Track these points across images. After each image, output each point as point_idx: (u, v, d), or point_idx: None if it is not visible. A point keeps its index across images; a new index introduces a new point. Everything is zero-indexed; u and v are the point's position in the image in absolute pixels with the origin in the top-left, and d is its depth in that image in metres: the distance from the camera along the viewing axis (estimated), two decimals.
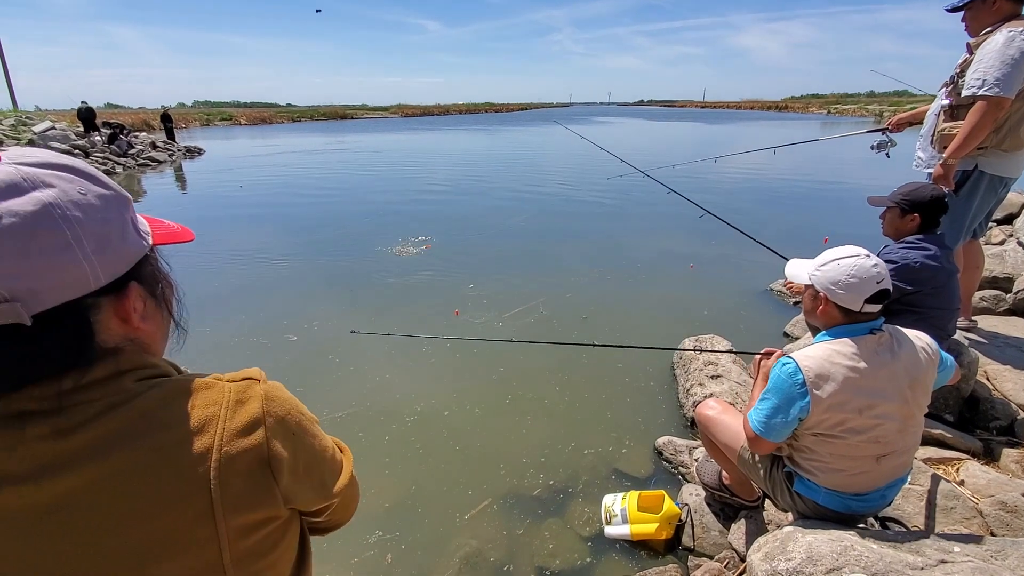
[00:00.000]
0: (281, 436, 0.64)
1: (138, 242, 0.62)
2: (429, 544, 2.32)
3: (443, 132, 35.11)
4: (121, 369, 0.59)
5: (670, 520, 2.24)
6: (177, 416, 0.59)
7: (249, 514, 0.61)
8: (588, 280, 5.51)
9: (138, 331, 0.62)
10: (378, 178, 13.63)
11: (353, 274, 5.83)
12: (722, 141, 25.11)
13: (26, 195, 0.51)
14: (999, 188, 2.91)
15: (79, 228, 0.53)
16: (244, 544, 0.61)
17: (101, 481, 0.54)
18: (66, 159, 0.57)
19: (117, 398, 0.57)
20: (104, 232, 0.56)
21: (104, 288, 0.57)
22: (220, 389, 0.63)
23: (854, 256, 1.55)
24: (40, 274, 0.51)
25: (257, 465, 0.61)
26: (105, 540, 0.54)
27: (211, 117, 50.18)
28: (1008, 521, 1.95)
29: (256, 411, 0.63)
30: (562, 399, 3.39)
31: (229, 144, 26.75)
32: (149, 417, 0.57)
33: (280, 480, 0.63)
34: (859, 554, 1.43)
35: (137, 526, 0.55)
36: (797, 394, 1.52)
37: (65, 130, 16.19)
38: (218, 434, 0.59)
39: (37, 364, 0.53)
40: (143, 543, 0.55)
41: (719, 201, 9.22)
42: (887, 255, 2.37)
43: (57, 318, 0.53)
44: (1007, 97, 2.55)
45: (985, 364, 2.91)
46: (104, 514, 0.54)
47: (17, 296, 0.50)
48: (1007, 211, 5.82)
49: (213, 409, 0.60)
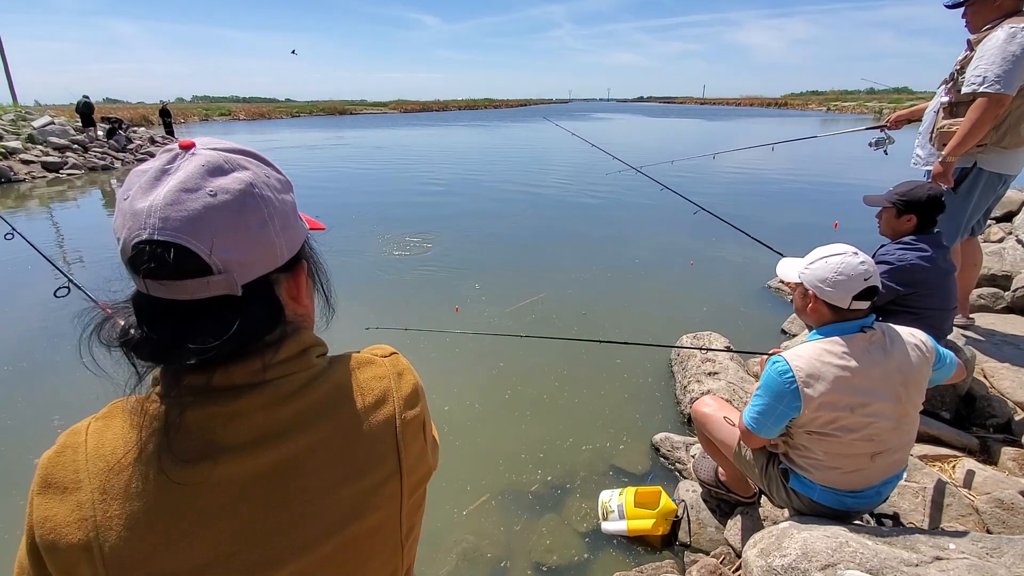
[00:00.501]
0: (424, 401, 0.72)
1: (303, 225, 0.66)
2: (427, 540, 2.30)
3: (443, 128, 35.01)
4: (306, 346, 0.63)
5: (667, 516, 2.24)
6: (361, 388, 0.65)
7: (418, 472, 0.69)
8: (589, 276, 5.50)
9: (305, 308, 0.67)
10: (378, 174, 13.60)
11: (353, 271, 5.83)
12: (721, 138, 25.07)
13: (230, 175, 0.55)
14: (998, 185, 2.90)
15: (271, 207, 0.57)
16: (413, 498, 0.69)
17: (312, 448, 0.59)
18: (245, 146, 0.60)
19: (313, 371, 0.62)
20: (285, 212, 0.60)
21: (284, 266, 0.61)
22: (381, 364, 0.70)
23: (841, 254, 1.56)
24: (248, 248, 0.55)
25: (420, 428, 0.69)
26: (319, 501, 0.58)
27: (210, 112, 50.05)
28: (1004, 519, 1.96)
29: (413, 381, 0.71)
30: (561, 395, 3.40)
31: (227, 139, 26.62)
32: (342, 389, 0.63)
33: (428, 440, 0.72)
34: (854, 550, 1.43)
35: (346, 487, 0.60)
36: (788, 392, 1.53)
37: (64, 125, 16.12)
38: (396, 403, 0.67)
39: (248, 332, 0.56)
40: (351, 501, 0.61)
41: (717, 197, 9.22)
42: (882, 256, 2.36)
43: (257, 291, 0.57)
44: (1008, 94, 2.54)
45: (982, 362, 2.92)
46: (318, 477, 0.59)
47: (230, 268, 0.53)
48: (1006, 209, 5.81)
49: (386, 382, 0.67)
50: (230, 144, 0.59)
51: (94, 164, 14.61)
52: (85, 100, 16.93)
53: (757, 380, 3.11)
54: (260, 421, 0.57)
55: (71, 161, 13.94)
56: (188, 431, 0.54)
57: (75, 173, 13.50)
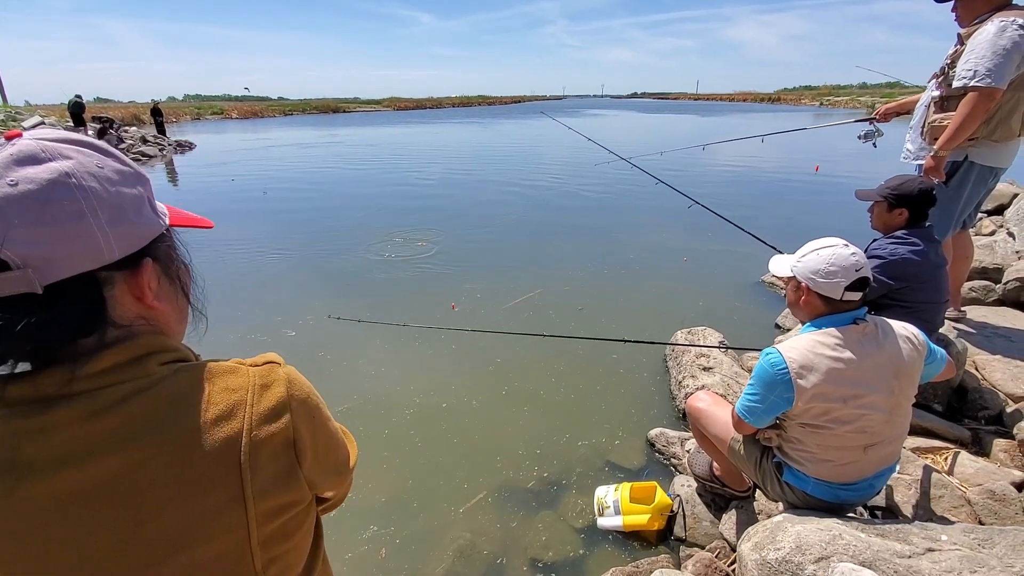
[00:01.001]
0: (304, 419, 0.64)
1: (154, 220, 0.62)
2: (424, 537, 2.32)
3: (437, 125, 34.91)
4: (144, 352, 0.58)
5: (662, 511, 2.25)
6: (205, 401, 0.58)
7: (277, 498, 0.60)
8: (584, 273, 5.50)
9: (152, 310, 0.62)
10: (372, 171, 13.56)
11: (348, 268, 5.82)
12: (714, 134, 25.10)
13: (43, 164, 0.52)
14: (989, 179, 2.91)
15: (94, 198, 0.53)
16: (271, 527, 0.61)
17: (133, 467, 0.53)
18: (87, 138, 0.58)
19: (143, 382, 0.56)
20: (119, 204, 0.56)
21: (120, 263, 0.57)
22: (244, 373, 0.62)
23: (833, 246, 1.58)
24: (54, 241, 0.51)
25: (283, 449, 0.61)
26: (139, 526, 0.53)
27: (202, 111, 49.72)
28: (996, 510, 1.97)
29: (282, 394, 0.62)
30: (557, 391, 3.40)
31: (220, 138, 26.51)
32: (177, 402, 0.57)
33: (303, 463, 0.63)
34: (847, 543, 1.44)
35: (171, 511, 0.54)
36: (781, 384, 1.54)
37: (54, 125, 16.03)
38: (247, 418, 0.59)
39: (49, 331, 0.52)
40: (177, 528, 0.54)
41: (711, 191, 9.23)
42: (874, 251, 2.37)
43: (72, 289, 0.53)
44: (998, 88, 2.54)
45: (974, 354, 2.94)
46: (137, 500, 0.53)
47: (30, 263, 0.49)
48: (997, 202, 5.85)
49: (240, 394, 0.60)
50: (63, 135, 0.56)
51: None
52: (76, 100, 16.84)
53: (744, 373, 3.12)
54: (70, 436, 0.52)
55: None
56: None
57: None
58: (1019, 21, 2.50)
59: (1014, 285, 3.62)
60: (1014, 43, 2.49)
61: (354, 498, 2.51)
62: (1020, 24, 2.49)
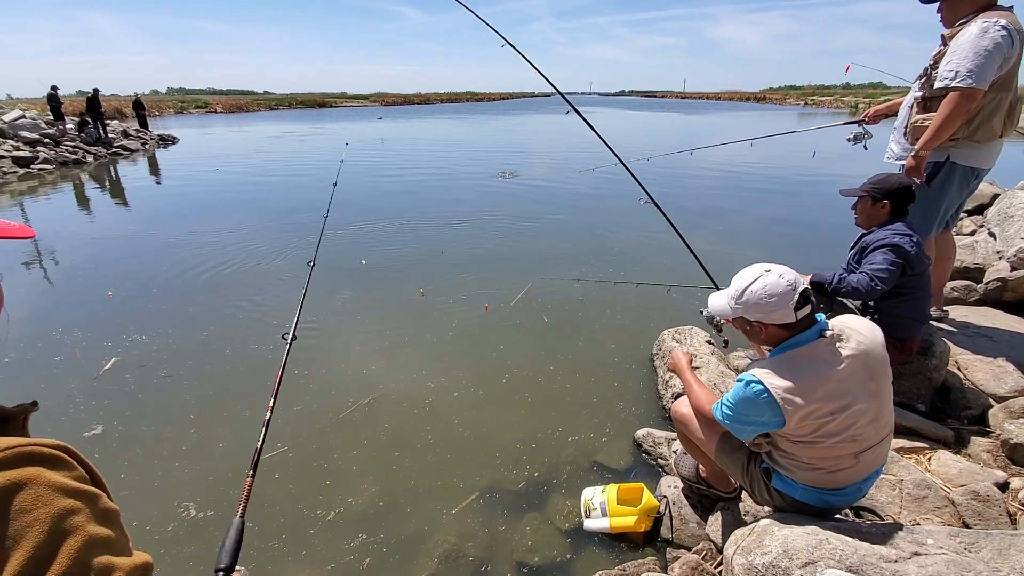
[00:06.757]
0: (26, 524, 0.50)
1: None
2: (408, 543, 2.29)
3: (426, 120, 34.65)
4: None
5: (649, 513, 2.24)
6: None
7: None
8: (578, 272, 5.49)
9: None
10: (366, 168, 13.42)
11: (337, 266, 5.75)
12: (700, 131, 25.21)
13: None
14: (971, 179, 2.92)
15: None
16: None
17: None
18: None
19: None
20: None
21: None
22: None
23: (759, 276, 1.54)
24: None
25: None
26: None
27: (186, 105, 48.91)
28: (980, 511, 1.98)
29: None
30: (545, 391, 3.38)
31: (204, 133, 26.08)
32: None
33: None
34: (834, 547, 1.44)
35: None
36: (769, 410, 1.51)
37: (35, 119, 15.67)
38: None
39: None
40: None
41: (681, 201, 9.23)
42: (879, 241, 2.41)
43: None
44: (980, 88, 2.55)
45: (956, 354, 2.96)
46: None
47: None
48: (978, 201, 5.91)
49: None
50: None
51: (66, 158, 14.22)
52: (52, 92, 16.57)
53: (730, 373, 3.11)
54: None
55: (42, 155, 13.57)
56: None
57: (46, 168, 13.13)
58: (1001, 22, 2.51)
59: (995, 285, 3.66)
60: (996, 44, 2.50)
61: (338, 501, 2.47)
62: (1003, 25, 2.50)
